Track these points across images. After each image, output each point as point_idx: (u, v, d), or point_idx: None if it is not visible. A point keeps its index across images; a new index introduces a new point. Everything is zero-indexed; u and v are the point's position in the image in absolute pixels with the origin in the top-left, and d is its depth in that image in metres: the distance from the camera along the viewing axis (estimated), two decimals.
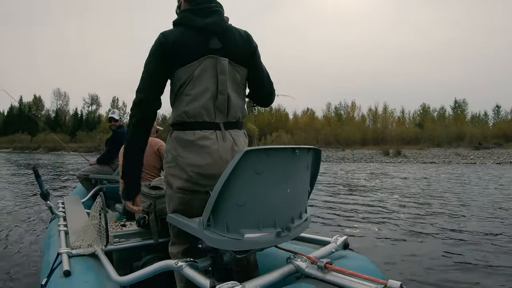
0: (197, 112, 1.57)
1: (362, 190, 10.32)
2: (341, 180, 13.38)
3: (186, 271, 1.31)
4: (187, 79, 1.57)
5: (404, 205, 7.47)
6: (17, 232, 4.98)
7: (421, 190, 10.07)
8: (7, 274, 3.36)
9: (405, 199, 8.27)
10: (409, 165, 22.74)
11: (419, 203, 7.68)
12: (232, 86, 1.65)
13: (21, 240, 4.53)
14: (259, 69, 1.76)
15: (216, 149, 1.56)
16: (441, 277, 3.34)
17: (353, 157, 29.90)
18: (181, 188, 1.58)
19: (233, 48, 1.63)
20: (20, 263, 3.65)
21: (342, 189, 10.54)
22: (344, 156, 30.81)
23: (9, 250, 4.12)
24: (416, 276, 3.39)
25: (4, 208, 6.76)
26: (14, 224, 5.47)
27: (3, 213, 6.33)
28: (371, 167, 21.08)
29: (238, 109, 1.68)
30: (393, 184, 11.86)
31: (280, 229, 1.36)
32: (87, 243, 2.03)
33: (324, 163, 24.41)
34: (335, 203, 7.79)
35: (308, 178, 1.54)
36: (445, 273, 3.44)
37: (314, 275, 1.32)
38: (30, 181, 11.25)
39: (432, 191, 9.68)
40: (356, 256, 1.67)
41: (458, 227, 5.41)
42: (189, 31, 1.57)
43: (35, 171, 2.62)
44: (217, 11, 1.63)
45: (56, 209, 2.99)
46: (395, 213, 6.48)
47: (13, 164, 22.20)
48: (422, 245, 4.45)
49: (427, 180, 12.94)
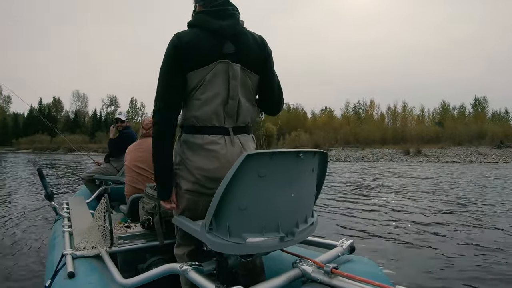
0: (207, 117, 1.56)
1: (381, 190, 9.99)
2: (361, 180, 12.98)
3: (191, 274, 1.30)
4: (199, 83, 1.55)
5: (423, 207, 7.20)
6: (22, 232, 4.99)
7: (443, 190, 9.70)
8: (12, 275, 3.37)
9: (425, 201, 7.99)
10: (430, 165, 22.20)
11: (438, 205, 7.42)
12: (243, 92, 1.63)
13: (25, 241, 4.54)
14: (271, 76, 1.73)
15: (224, 154, 1.55)
16: (452, 285, 3.28)
17: (373, 157, 29.43)
18: (188, 190, 1.58)
19: (246, 53, 1.60)
20: (24, 264, 3.66)
21: (360, 189, 10.20)
22: (364, 156, 30.23)
23: (13, 250, 4.12)
24: (424, 282, 3.34)
25: (11, 208, 6.79)
26: (19, 224, 5.49)
27: (9, 213, 6.35)
28: (391, 167, 20.52)
29: (248, 114, 1.67)
30: (414, 184, 11.41)
31: (283, 234, 1.34)
32: (92, 245, 2.03)
33: (343, 162, 24.24)
34: (352, 204, 7.61)
35: (314, 182, 1.53)
36: (457, 281, 3.36)
37: (320, 280, 1.30)
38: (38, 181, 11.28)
39: (456, 192, 9.31)
40: (362, 260, 1.66)
41: (478, 232, 5.14)
42: (203, 33, 1.55)
43: (39, 172, 2.62)
44: (233, 14, 1.60)
45: (60, 210, 2.99)
46: (412, 215, 6.38)
47: (31, 164, 22.26)
48: (436, 250, 4.28)
49: (450, 180, 12.46)
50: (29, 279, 3.25)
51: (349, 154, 31.20)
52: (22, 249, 4.15)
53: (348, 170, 17.09)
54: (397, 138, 42.12)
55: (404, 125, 52.11)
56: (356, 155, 31.03)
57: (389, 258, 3.98)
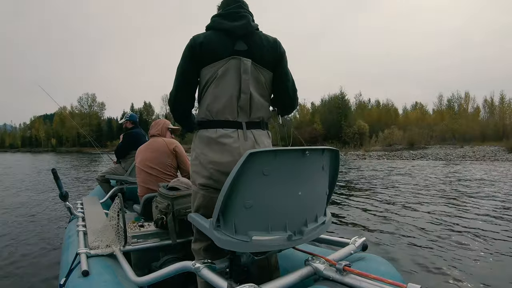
0: (219, 110, 1.63)
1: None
2: (472, 185, 9.99)
3: (204, 272, 1.31)
4: (211, 78, 1.64)
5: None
6: (37, 231, 5.07)
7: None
8: (27, 273, 3.42)
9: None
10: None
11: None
12: (256, 87, 1.68)
13: (41, 240, 4.61)
14: (284, 74, 1.78)
15: (236, 147, 1.59)
16: (465, 285, 3.22)
17: (475, 155, 26.10)
18: (203, 185, 1.63)
19: (258, 50, 1.67)
20: (39, 263, 3.71)
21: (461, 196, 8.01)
22: (465, 154, 27.24)
23: (29, 249, 4.19)
24: (438, 280, 3.30)
25: (29, 207, 6.90)
26: (35, 223, 5.57)
27: (26, 212, 6.45)
28: (500, 167, 16.78)
29: (262, 110, 1.71)
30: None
31: (291, 232, 1.34)
32: (106, 244, 2.05)
33: (444, 161, 22.12)
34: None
35: (325, 180, 1.52)
36: (471, 282, 3.29)
37: (332, 278, 1.30)
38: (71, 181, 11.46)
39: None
40: (375, 258, 1.64)
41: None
42: (217, 34, 1.66)
43: (54, 172, 2.66)
44: (245, 16, 1.69)
45: (75, 209, 3.03)
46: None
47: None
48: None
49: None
50: (44, 278, 3.30)
51: (448, 153, 28.33)
52: (37, 248, 4.22)
53: (470, 175, 12.99)
54: (497, 133, 38.46)
55: (502, 119, 46.52)
56: (456, 153, 28.14)
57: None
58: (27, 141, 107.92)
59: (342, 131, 49.91)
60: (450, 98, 55.49)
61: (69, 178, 13.41)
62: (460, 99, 54.83)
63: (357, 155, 32.17)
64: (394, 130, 43.83)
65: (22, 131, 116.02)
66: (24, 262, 3.75)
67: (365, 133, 47.18)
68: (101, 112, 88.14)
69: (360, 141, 45.99)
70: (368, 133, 47.07)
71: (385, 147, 39.47)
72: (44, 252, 4.07)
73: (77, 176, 14.09)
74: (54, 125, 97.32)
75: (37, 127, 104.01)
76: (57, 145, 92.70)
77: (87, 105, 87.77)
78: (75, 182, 11.99)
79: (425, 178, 11.91)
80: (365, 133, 47.24)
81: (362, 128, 47.78)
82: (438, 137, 41.52)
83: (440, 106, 57.29)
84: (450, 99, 55.42)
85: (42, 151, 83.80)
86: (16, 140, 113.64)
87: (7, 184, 11.54)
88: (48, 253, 4.04)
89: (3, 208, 6.89)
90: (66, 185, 10.79)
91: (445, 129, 43.18)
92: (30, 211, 6.57)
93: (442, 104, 57.14)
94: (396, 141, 41.29)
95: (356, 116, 52.82)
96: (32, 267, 3.60)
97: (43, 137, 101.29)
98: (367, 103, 63.74)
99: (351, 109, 55.75)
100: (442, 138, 41.14)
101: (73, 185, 10.92)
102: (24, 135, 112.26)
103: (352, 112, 55.20)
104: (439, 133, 42.72)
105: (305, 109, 62.49)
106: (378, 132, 45.42)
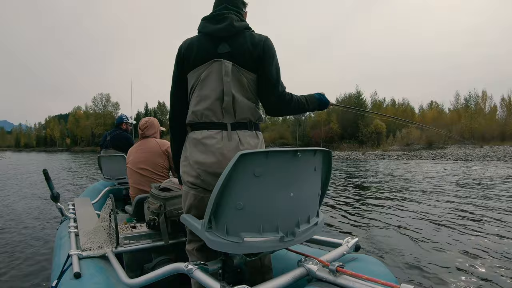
0: (204, 112, 1.65)
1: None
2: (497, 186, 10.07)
3: (196, 274, 1.31)
4: (196, 81, 1.67)
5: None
6: (28, 233, 5.03)
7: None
8: (19, 275, 3.39)
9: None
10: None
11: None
12: (239, 89, 1.67)
13: (32, 242, 4.57)
14: (268, 74, 1.69)
15: (219, 148, 1.60)
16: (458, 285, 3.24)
17: (495, 155, 25.80)
18: (192, 184, 1.65)
19: (239, 52, 1.66)
20: (31, 265, 3.68)
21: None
22: (485, 154, 27.10)
23: (20, 251, 4.15)
24: (431, 281, 3.32)
25: (19, 209, 6.84)
26: (26, 225, 5.52)
27: (16, 214, 6.39)
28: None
29: (247, 111, 1.69)
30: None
31: (283, 234, 1.34)
32: (97, 245, 2.04)
33: (465, 162, 21.76)
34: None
35: (318, 181, 1.52)
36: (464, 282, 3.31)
37: (325, 279, 1.30)
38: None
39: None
40: (368, 258, 1.65)
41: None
42: (202, 37, 1.69)
43: (45, 173, 2.63)
44: (227, 17, 1.68)
45: (66, 210, 3.01)
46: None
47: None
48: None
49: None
50: (36, 280, 3.27)
51: (468, 153, 28.06)
52: (29, 250, 4.18)
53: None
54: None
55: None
56: (476, 153, 27.86)
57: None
58: (42, 140, 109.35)
59: (359, 131, 49.88)
60: (467, 96, 55.32)
61: (80, 177, 13.42)
62: (477, 98, 54.33)
63: (375, 155, 32.15)
64: (412, 130, 44.03)
65: (37, 131, 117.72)
66: (15, 264, 3.72)
67: (382, 133, 47.08)
68: (115, 111, 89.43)
69: (377, 140, 45.93)
70: (386, 133, 47.00)
71: (403, 146, 39.47)
72: (35, 254, 4.04)
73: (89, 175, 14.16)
74: (69, 125, 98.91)
75: (52, 126, 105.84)
76: (72, 145, 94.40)
77: (101, 105, 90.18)
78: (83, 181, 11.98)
79: (451, 180, 11.78)
80: (382, 132, 47.14)
81: (380, 128, 47.71)
82: (456, 137, 40.83)
83: (457, 104, 56.93)
84: (467, 97, 55.13)
85: (57, 150, 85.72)
86: (31, 140, 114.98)
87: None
88: (40, 254, 4.01)
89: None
90: (77, 186, 10.76)
91: (464, 128, 42.92)
92: (21, 212, 6.51)
93: (459, 102, 56.70)
94: (414, 140, 41.28)
95: (373, 115, 52.50)
96: (23, 269, 3.57)
97: (58, 136, 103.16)
98: (382, 102, 63.85)
99: (367, 108, 55.45)
100: (460, 138, 40.89)
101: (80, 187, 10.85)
102: (39, 134, 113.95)
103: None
104: (458, 132, 42.37)
105: None
106: (396, 132, 45.68)
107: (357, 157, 30.68)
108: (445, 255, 4.01)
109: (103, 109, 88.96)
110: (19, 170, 18.77)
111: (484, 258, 3.90)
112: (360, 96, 54.00)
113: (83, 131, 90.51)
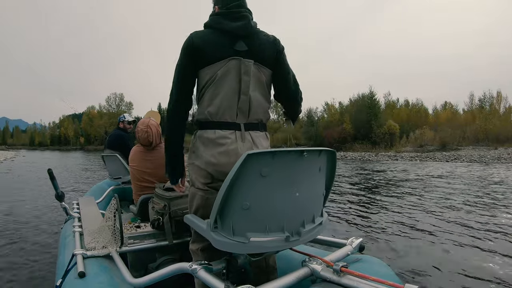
0: (219, 111, 1.62)
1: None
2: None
3: (201, 274, 1.31)
4: (210, 79, 1.62)
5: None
6: (33, 232, 5.05)
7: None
8: (23, 275, 3.41)
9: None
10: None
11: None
12: (257, 87, 1.68)
13: (36, 241, 4.59)
14: (284, 69, 1.78)
15: (233, 149, 1.58)
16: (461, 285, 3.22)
17: (510, 157, 25.18)
18: (202, 185, 1.63)
19: (259, 49, 1.67)
20: (35, 264, 3.70)
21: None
22: (500, 156, 26.50)
23: (25, 250, 4.17)
24: (435, 281, 3.31)
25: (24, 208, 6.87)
26: (30, 224, 5.54)
27: (22, 213, 6.42)
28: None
29: (261, 111, 1.71)
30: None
31: (288, 234, 1.34)
32: (102, 244, 2.05)
33: (479, 164, 21.57)
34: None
35: (322, 181, 1.52)
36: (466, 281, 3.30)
37: (329, 279, 1.30)
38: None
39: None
40: (372, 259, 1.64)
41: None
42: (216, 33, 1.64)
43: (49, 172, 2.64)
44: (245, 16, 1.67)
45: (71, 210, 3.01)
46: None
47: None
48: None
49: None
50: (40, 279, 3.29)
51: (483, 154, 27.60)
52: (34, 249, 4.20)
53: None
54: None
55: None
56: (490, 155, 27.39)
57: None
58: (56, 139, 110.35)
59: (372, 131, 49.16)
60: (481, 97, 54.04)
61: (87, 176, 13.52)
62: (492, 99, 53.30)
63: (389, 156, 31.90)
64: (426, 131, 43.28)
65: (52, 130, 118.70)
66: (19, 263, 3.73)
67: (396, 134, 46.74)
68: (129, 111, 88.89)
69: (390, 141, 45.61)
70: (399, 133, 46.64)
71: (417, 148, 39.15)
72: (40, 253, 4.05)
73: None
74: (83, 124, 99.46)
75: (66, 125, 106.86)
76: (85, 144, 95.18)
77: (115, 105, 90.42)
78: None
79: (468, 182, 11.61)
80: (395, 133, 46.79)
81: (393, 128, 47.31)
82: (471, 138, 40.57)
83: (472, 105, 55.77)
84: (481, 98, 53.88)
85: (71, 149, 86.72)
86: (45, 138, 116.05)
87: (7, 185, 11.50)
88: (44, 254, 4.03)
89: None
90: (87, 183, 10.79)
91: (478, 130, 41.97)
92: (27, 211, 6.54)
93: (474, 103, 55.54)
94: (428, 141, 40.66)
95: (386, 116, 52.39)
96: (28, 268, 3.58)
97: (71, 135, 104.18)
98: (396, 103, 63.10)
99: (380, 109, 54.68)
100: (474, 139, 40.20)
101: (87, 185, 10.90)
102: (53, 133, 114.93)
103: (381, 112, 54.12)
104: (472, 133, 41.61)
105: (333, 108, 61.23)
106: (409, 133, 44.97)
107: (370, 158, 30.44)
108: (453, 257, 3.99)
109: (116, 109, 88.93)
110: (30, 168, 18.83)
111: (491, 261, 3.88)
112: (374, 96, 53.59)
113: (96, 130, 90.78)
